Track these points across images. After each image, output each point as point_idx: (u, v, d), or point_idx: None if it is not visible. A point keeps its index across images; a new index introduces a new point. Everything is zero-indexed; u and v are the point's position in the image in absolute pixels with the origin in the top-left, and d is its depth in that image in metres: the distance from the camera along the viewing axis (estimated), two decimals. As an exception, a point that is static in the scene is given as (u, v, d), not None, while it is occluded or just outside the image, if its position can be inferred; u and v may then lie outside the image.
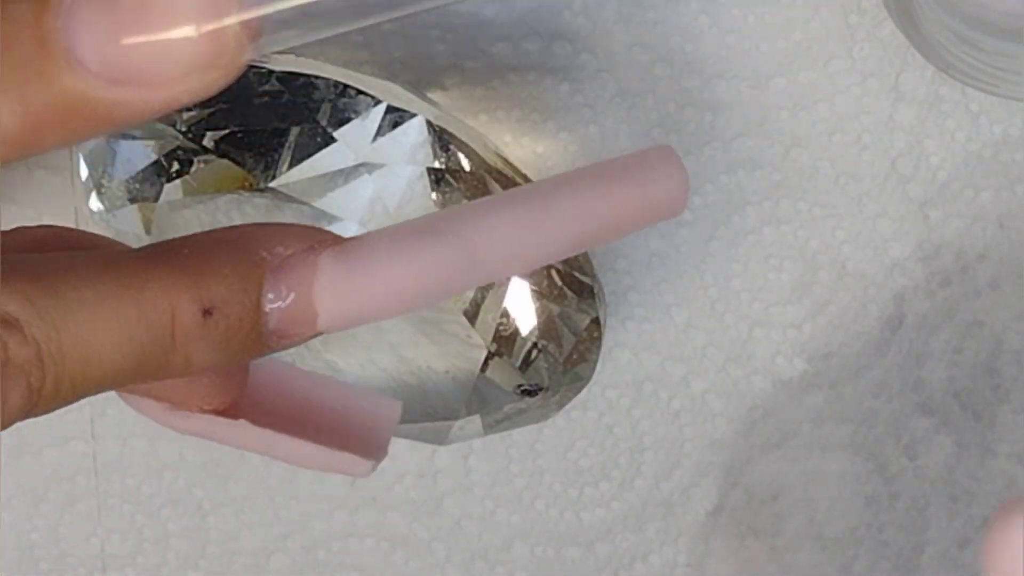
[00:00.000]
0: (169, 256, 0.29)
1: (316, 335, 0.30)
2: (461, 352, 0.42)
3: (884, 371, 0.45)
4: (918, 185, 0.44)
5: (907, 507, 0.46)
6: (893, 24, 0.42)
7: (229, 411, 0.33)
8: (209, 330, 0.29)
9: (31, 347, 0.28)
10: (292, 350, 0.35)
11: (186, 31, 0.26)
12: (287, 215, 0.40)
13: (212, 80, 0.26)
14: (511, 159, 0.42)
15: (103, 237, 0.33)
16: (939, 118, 0.44)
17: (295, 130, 0.40)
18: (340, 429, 0.34)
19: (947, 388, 0.46)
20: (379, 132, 0.40)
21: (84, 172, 0.41)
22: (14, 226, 0.42)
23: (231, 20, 0.26)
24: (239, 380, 0.33)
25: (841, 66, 0.44)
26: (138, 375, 0.29)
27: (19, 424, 0.33)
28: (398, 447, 0.46)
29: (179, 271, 0.29)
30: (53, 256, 0.29)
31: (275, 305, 0.29)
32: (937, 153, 0.44)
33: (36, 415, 0.29)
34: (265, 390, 0.34)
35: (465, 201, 0.40)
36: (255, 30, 0.26)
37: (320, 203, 0.40)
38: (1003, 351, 0.45)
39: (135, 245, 0.41)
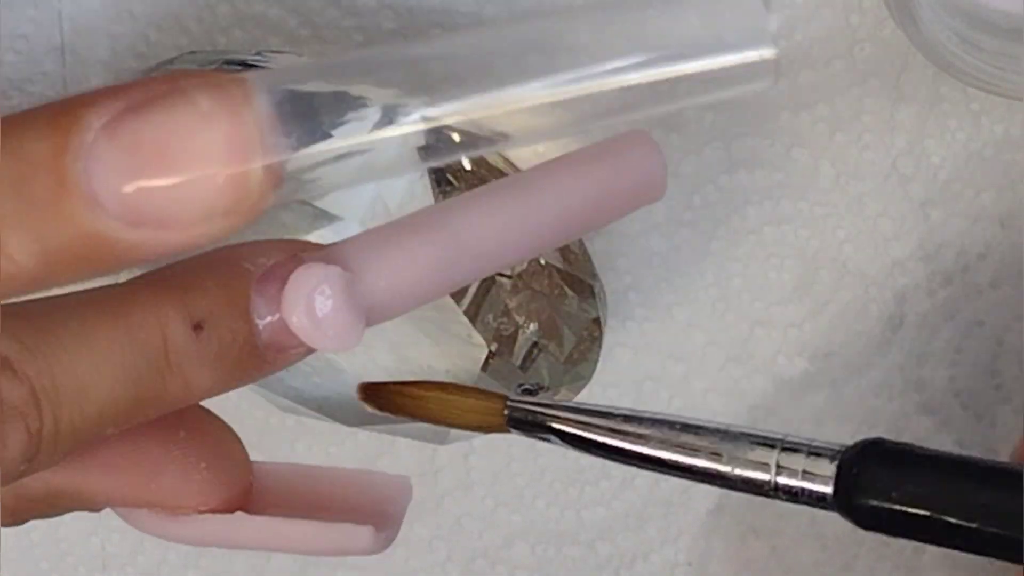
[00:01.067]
0: (153, 279, 0.29)
1: (312, 350, 0.30)
2: (462, 351, 0.41)
3: (885, 371, 0.45)
4: (919, 185, 0.44)
5: (908, 506, 0.46)
6: (894, 24, 0.42)
7: (228, 510, 0.32)
8: (202, 346, 0.28)
9: (24, 385, 0.27)
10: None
11: (209, 176, 0.25)
12: (287, 215, 0.40)
13: (234, 224, 0.26)
14: (512, 158, 0.42)
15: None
16: (940, 118, 0.44)
17: (296, 129, 0.40)
18: (351, 516, 0.33)
19: (948, 388, 0.46)
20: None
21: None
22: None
23: (255, 165, 0.26)
24: (239, 477, 0.32)
25: (842, 66, 0.44)
26: (138, 406, 0.28)
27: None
28: (399, 446, 0.46)
29: (164, 290, 0.28)
30: (41, 299, 0.28)
31: (265, 319, 0.29)
32: (938, 153, 0.44)
33: (39, 466, 0.28)
34: (268, 494, 0.33)
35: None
36: (279, 176, 0.26)
37: (321, 203, 0.40)
38: (1004, 351, 0.45)
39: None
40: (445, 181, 0.40)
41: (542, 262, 0.41)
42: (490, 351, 0.41)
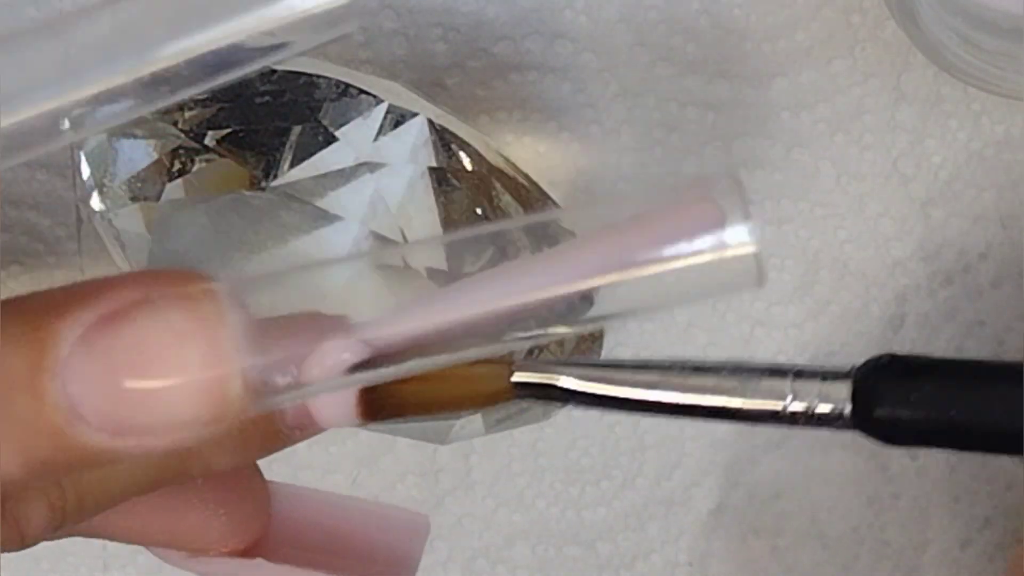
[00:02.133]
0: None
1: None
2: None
3: (886, 371, 0.45)
4: (920, 185, 0.44)
5: (909, 507, 0.46)
6: (895, 24, 0.42)
7: (250, 551, 0.32)
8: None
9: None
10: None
11: (187, 387, 0.25)
12: (288, 214, 0.40)
13: (219, 429, 0.26)
14: (513, 158, 0.42)
15: None
16: (941, 118, 0.44)
17: (296, 129, 0.40)
18: (368, 553, 0.33)
19: (949, 388, 0.46)
20: (380, 131, 0.40)
21: (86, 172, 0.41)
22: (14, 227, 0.42)
23: (233, 380, 0.25)
24: (259, 518, 0.32)
25: (843, 66, 0.44)
26: (158, 483, 0.28)
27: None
28: (400, 446, 0.46)
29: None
30: None
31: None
32: (939, 153, 0.44)
33: (64, 535, 0.28)
34: (288, 523, 0.33)
35: (466, 201, 0.40)
36: (259, 384, 0.26)
37: (321, 202, 0.40)
38: (1005, 351, 0.45)
39: (136, 247, 0.41)
40: (446, 182, 0.40)
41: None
42: (491, 351, 0.41)
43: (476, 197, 0.40)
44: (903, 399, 0.32)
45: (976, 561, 0.46)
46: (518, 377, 0.31)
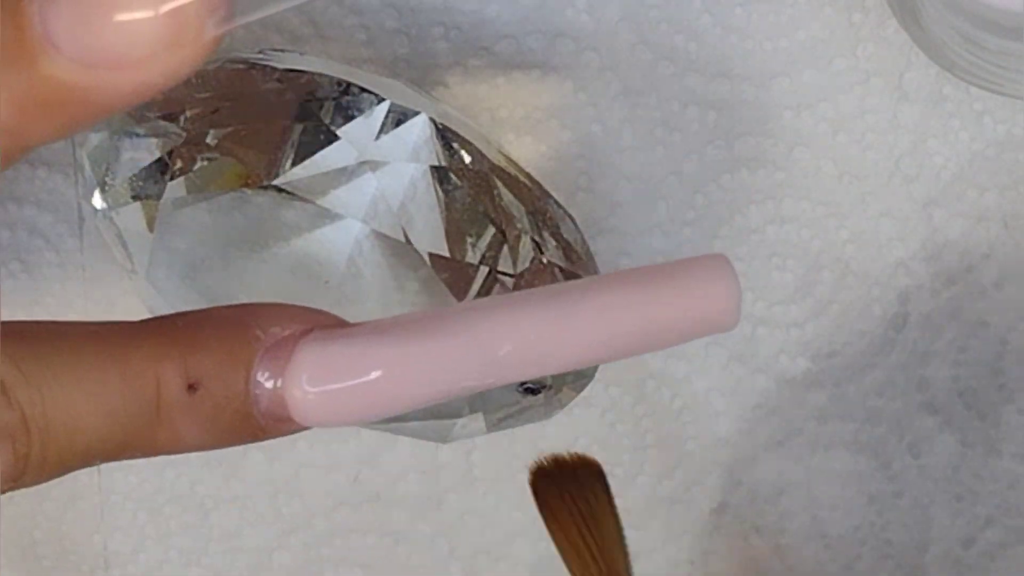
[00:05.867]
0: (159, 327, 0.29)
1: (309, 427, 0.29)
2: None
3: (888, 370, 0.45)
4: (922, 185, 0.44)
5: (911, 506, 0.46)
6: (897, 23, 0.42)
7: None
8: (195, 406, 0.28)
9: (15, 411, 0.27)
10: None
11: (146, 10, 0.26)
12: (290, 213, 0.40)
13: (181, 59, 0.27)
14: (514, 157, 0.42)
15: None
16: (943, 117, 0.44)
17: (298, 128, 0.40)
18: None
19: (951, 387, 0.45)
20: (382, 130, 0.40)
21: (87, 169, 0.41)
22: (16, 224, 0.42)
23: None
24: None
25: (845, 65, 0.44)
26: (125, 448, 0.28)
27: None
28: (401, 444, 0.46)
29: (167, 343, 0.28)
30: (46, 323, 0.29)
31: (267, 387, 0.29)
32: (941, 152, 0.44)
33: (25, 484, 0.28)
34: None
35: (468, 199, 0.40)
36: (215, 4, 0.27)
37: (323, 201, 0.40)
38: (1008, 350, 0.45)
39: (138, 245, 0.41)
40: (447, 180, 0.40)
41: (544, 260, 0.41)
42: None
43: (478, 196, 0.41)
44: None
45: (978, 560, 0.46)
46: None
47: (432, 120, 0.40)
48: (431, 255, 0.40)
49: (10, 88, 0.27)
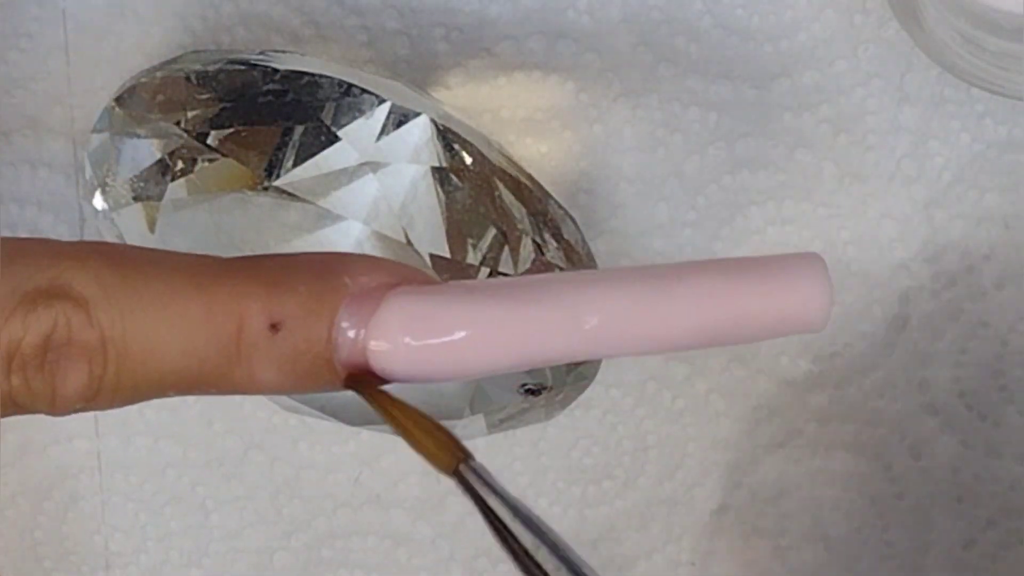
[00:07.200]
0: (248, 266, 0.29)
1: (389, 381, 0.29)
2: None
3: (889, 371, 0.45)
4: (923, 186, 0.44)
5: (912, 507, 0.46)
6: (898, 24, 0.42)
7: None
8: (275, 346, 0.28)
9: (95, 331, 0.27)
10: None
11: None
12: (291, 214, 0.40)
13: None
14: (515, 158, 0.42)
15: None
16: (944, 119, 0.44)
17: (299, 129, 0.40)
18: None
19: (952, 388, 0.45)
20: (383, 131, 0.40)
21: (88, 171, 0.41)
22: (17, 225, 0.42)
23: None
24: None
25: (846, 66, 0.44)
26: (200, 382, 0.28)
27: (23, 421, 0.33)
28: (402, 445, 0.46)
29: (254, 281, 0.28)
30: (135, 247, 0.29)
31: (349, 335, 0.28)
32: (942, 154, 0.44)
33: (97, 407, 0.28)
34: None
35: (469, 200, 0.40)
36: None
37: (324, 202, 0.40)
38: (1008, 352, 0.45)
39: (139, 245, 0.41)
40: (448, 181, 0.40)
41: (545, 261, 0.41)
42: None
43: (479, 197, 0.41)
44: None
45: (980, 561, 0.46)
46: (463, 471, 0.31)
47: (433, 121, 0.40)
48: (432, 256, 0.40)
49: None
